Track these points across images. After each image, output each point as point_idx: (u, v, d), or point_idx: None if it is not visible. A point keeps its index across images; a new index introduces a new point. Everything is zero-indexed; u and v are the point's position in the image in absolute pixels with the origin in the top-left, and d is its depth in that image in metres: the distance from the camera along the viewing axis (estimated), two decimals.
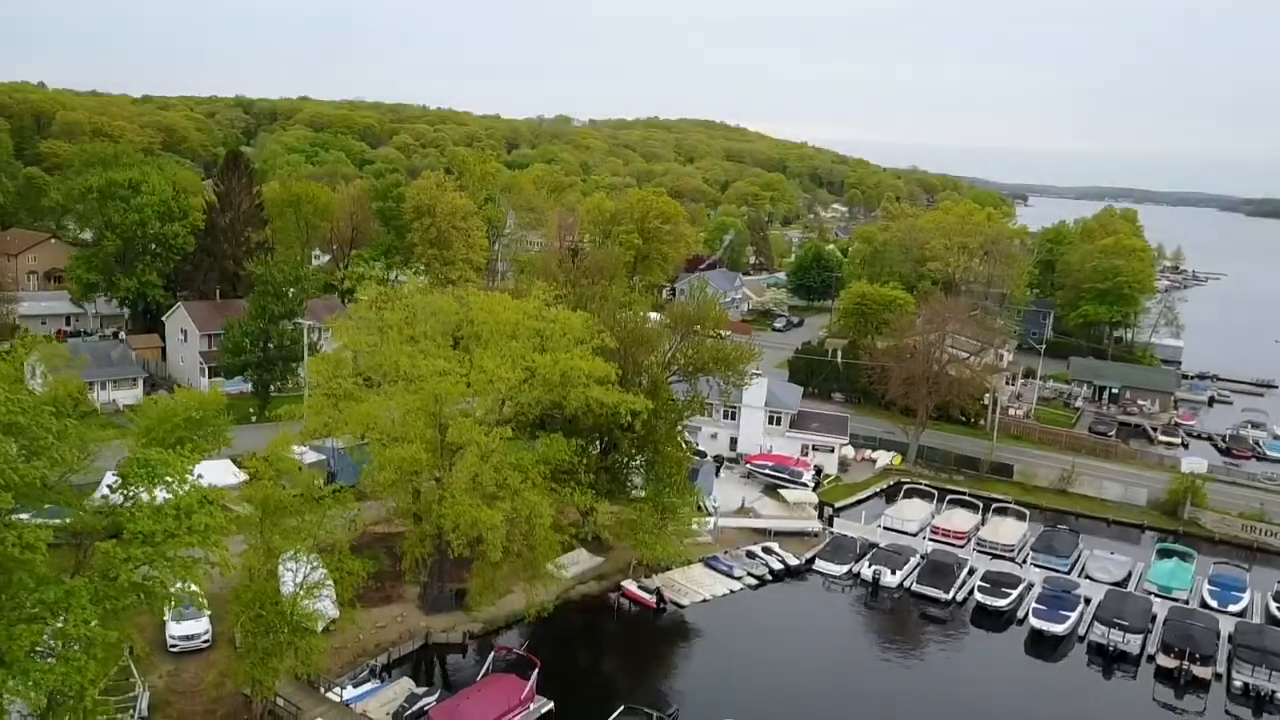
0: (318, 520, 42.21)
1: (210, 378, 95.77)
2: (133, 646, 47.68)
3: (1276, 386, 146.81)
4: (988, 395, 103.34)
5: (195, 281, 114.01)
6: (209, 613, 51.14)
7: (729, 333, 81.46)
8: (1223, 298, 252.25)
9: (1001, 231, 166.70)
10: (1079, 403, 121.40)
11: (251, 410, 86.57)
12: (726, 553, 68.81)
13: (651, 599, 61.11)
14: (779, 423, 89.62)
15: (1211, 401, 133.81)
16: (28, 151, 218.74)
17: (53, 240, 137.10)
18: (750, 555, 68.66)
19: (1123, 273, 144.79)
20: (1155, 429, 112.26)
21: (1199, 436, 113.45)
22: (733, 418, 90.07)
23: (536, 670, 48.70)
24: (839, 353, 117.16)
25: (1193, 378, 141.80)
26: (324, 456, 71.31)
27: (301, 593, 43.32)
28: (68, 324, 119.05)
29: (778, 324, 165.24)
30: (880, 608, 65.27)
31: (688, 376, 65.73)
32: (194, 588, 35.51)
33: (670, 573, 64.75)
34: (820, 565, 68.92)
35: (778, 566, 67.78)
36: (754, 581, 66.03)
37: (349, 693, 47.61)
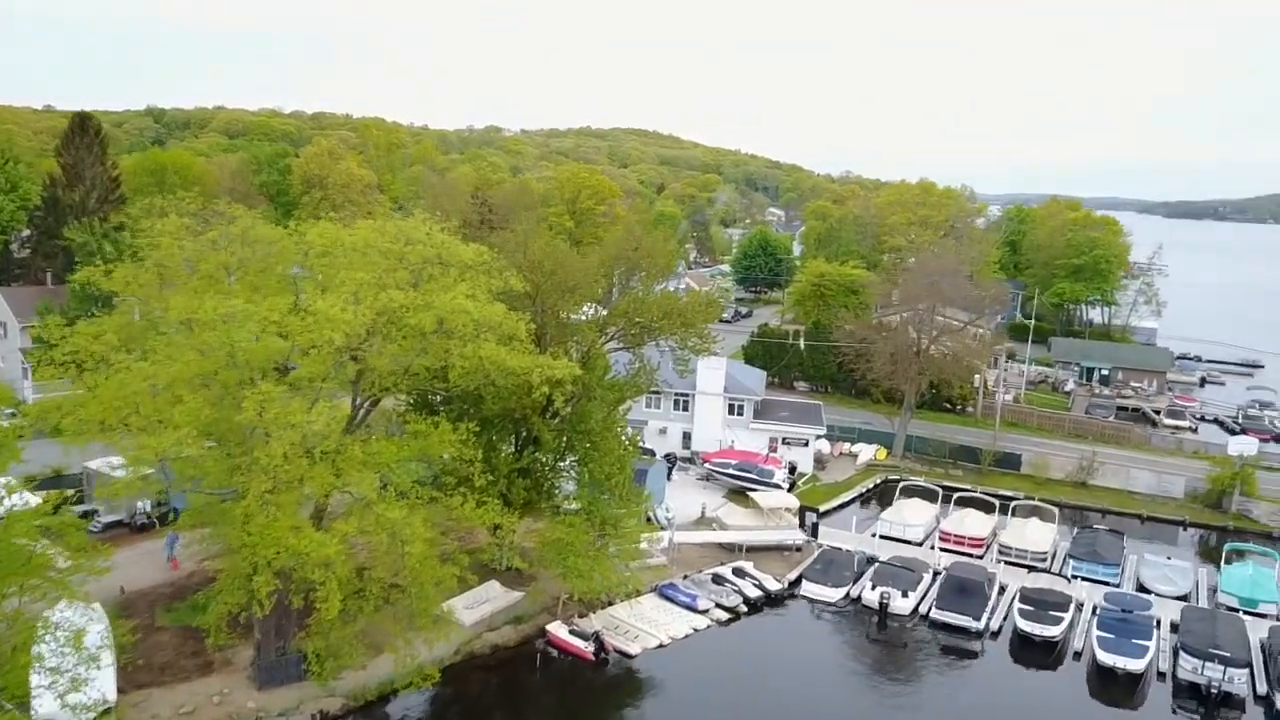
0: None
1: (35, 379, 76.55)
2: None
3: (1263, 366, 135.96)
4: (976, 377, 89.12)
5: (33, 268, 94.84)
6: None
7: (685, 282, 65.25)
8: (1177, 287, 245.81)
9: (962, 209, 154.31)
10: (1069, 386, 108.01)
11: None
12: (686, 578, 52.51)
13: (588, 647, 44.38)
14: (741, 412, 73.72)
15: (1203, 382, 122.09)
16: None
17: None
18: (717, 580, 52.38)
19: (1100, 245, 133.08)
20: (1158, 412, 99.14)
21: (1204, 419, 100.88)
22: (685, 409, 73.96)
23: None
24: (801, 335, 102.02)
25: (1179, 358, 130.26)
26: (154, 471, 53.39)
27: None
28: None
29: (726, 314, 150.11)
30: (891, 641, 49.46)
31: (630, 343, 49.27)
32: None
33: (613, 609, 48.16)
34: (808, 588, 52.99)
35: (754, 593, 51.59)
36: (724, 615, 49.76)
37: None
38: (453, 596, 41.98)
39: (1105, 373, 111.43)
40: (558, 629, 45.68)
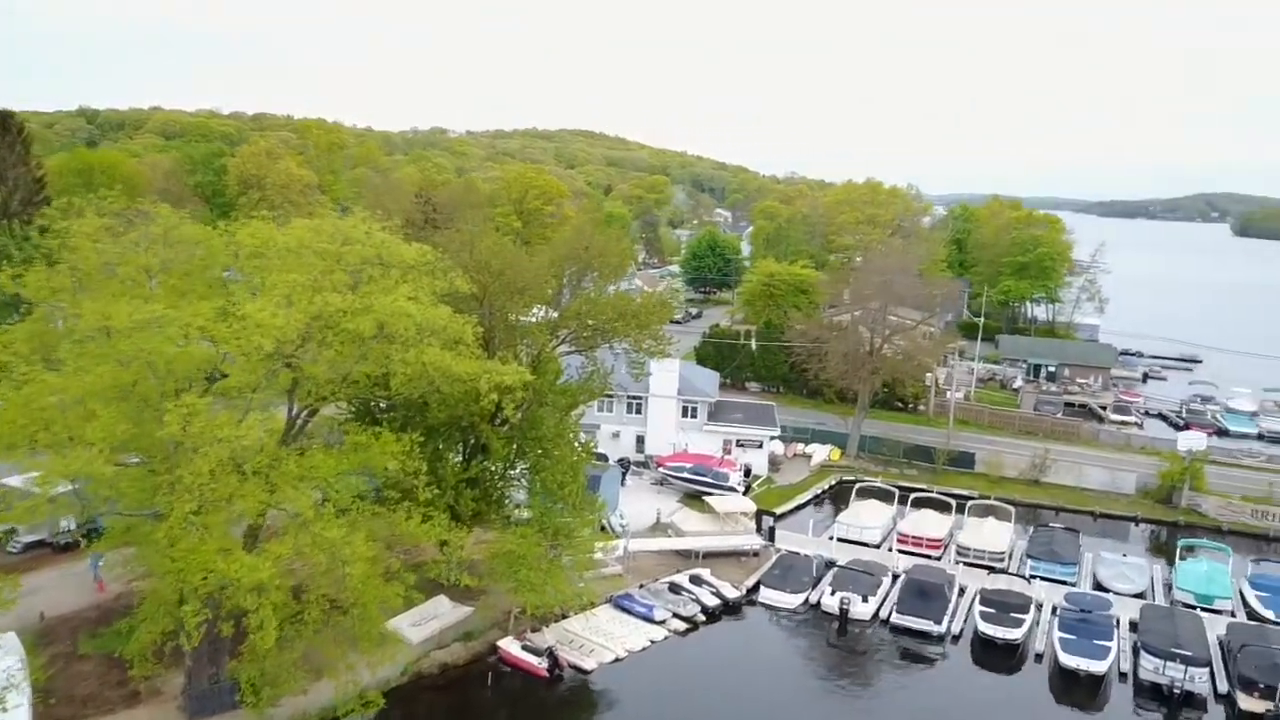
0: None
1: None
2: None
3: (1201, 361, 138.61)
4: (928, 376, 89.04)
5: None
6: None
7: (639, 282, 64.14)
8: (1115, 283, 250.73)
9: (908, 208, 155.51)
10: (1018, 383, 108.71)
11: None
12: (642, 587, 51.01)
13: (541, 663, 42.65)
14: (695, 415, 72.45)
15: (1146, 378, 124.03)
16: None
17: None
18: (674, 589, 50.95)
19: (1043, 243, 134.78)
20: (1104, 407, 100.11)
21: (1149, 414, 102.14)
22: (639, 412, 72.48)
23: None
24: (752, 335, 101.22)
25: (1121, 354, 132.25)
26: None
27: None
28: None
29: (677, 315, 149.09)
30: (851, 647, 48.49)
31: (582, 346, 47.61)
32: None
33: (567, 622, 46.49)
34: (766, 595, 51.79)
35: (711, 601, 50.26)
36: (682, 625, 48.33)
37: None
38: (398, 614, 40.12)
39: (1052, 369, 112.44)
40: (509, 645, 43.87)
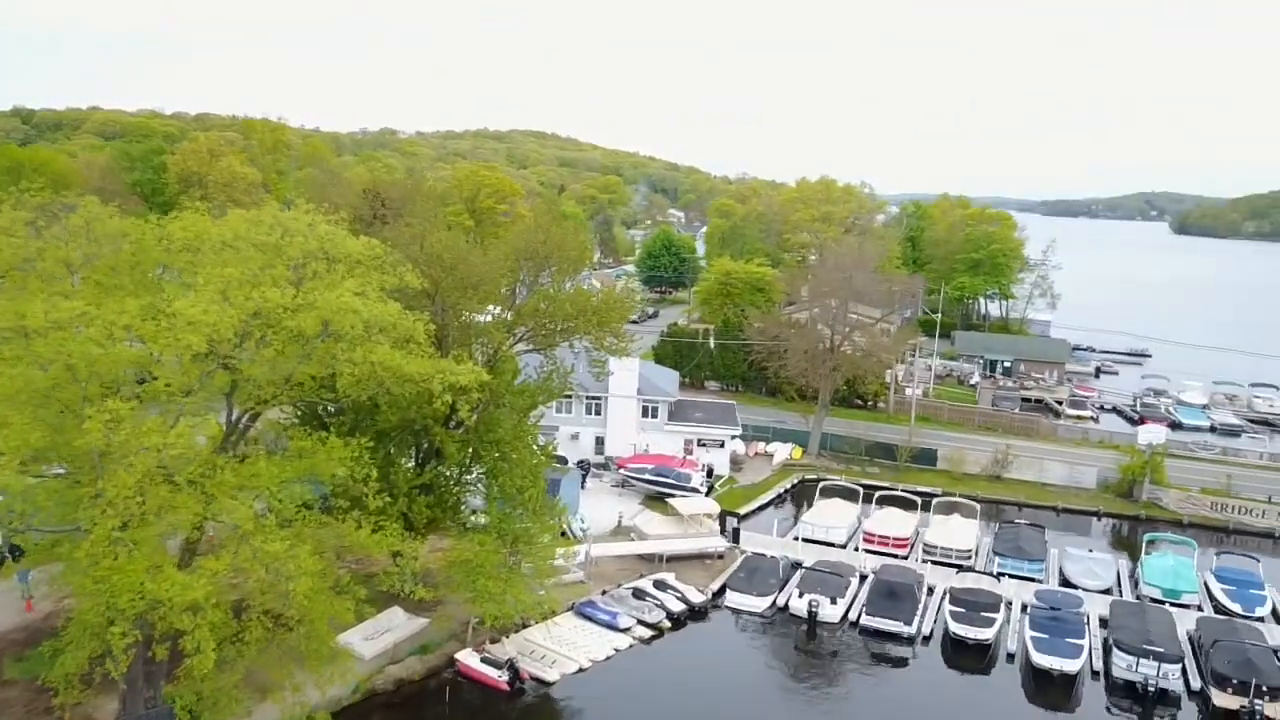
0: None
1: None
2: None
3: (1151, 355, 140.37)
4: (887, 373, 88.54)
5: None
6: None
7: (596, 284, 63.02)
8: (1063, 279, 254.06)
9: (862, 205, 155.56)
10: (975, 379, 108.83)
11: None
12: (605, 594, 49.33)
13: (502, 676, 40.76)
14: (655, 415, 70.92)
15: (1098, 372, 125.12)
16: None
17: None
18: (638, 595, 49.33)
19: (996, 239, 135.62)
20: (1060, 402, 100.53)
21: (1103, 408, 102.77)
22: (598, 412, 70.74)
23: None
24: (710, 334, 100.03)
25: (1074, 349, 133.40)
26: None
27: None
28: None
29: (634, 315, 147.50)
30: (820, 651, 47.23)
31: (541, 344, 45.73)
32: None
33: (528, 632, 44.61)
34: (732, 598, 50.40)
35: (676, 606, 48.71)
36: (646, 632, 46.75)
37: None
38: (349, 628, 38.02)
39: (1008, 365, 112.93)
40: (468, 658, 41.90)
